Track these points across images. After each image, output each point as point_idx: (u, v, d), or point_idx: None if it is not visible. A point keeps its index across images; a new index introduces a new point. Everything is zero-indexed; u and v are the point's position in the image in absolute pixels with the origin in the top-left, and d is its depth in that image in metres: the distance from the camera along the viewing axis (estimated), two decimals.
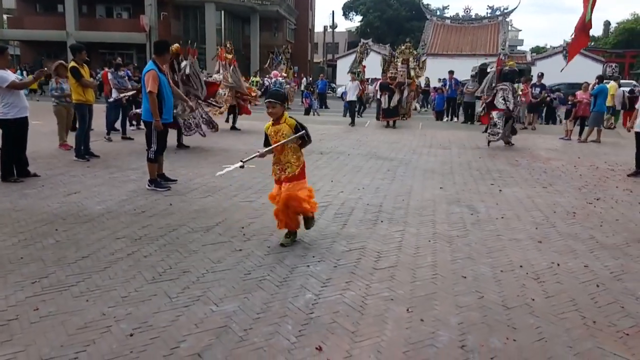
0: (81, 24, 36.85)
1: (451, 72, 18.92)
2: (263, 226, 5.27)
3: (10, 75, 6.82)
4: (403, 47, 17.93)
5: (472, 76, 18.89)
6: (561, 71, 13.29)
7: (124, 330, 3.08)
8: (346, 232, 5.14)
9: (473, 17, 44.65)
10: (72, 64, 8.51)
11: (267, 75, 14.31)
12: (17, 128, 6.86)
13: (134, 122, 12.45)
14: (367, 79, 27.55)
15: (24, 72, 27.98)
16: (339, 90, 27.62)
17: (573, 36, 11.66)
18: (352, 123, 16.45)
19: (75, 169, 7.88)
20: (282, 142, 4.51)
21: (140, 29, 34.97)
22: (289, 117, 4.65)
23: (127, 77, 11.66)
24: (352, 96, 16.93)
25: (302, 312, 3.38)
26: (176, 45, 9.98)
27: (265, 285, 3.81)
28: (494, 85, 12.75)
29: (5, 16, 23.76)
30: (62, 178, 7.20)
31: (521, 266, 4.36)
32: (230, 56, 13.95)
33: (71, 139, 9.13)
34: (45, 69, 7.93)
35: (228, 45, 14.60)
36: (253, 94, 14.65)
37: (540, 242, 5.03)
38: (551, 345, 3.11)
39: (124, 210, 5.68)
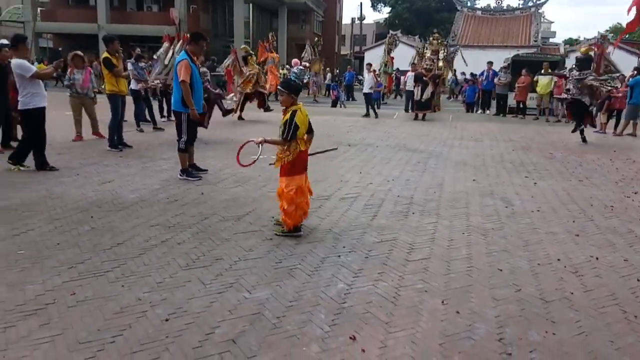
0: (112, 17, 37.44)
1: (490, 63, 18.56)
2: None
3: (32, 66, 6.95)
4: (431, 39, 17.68)
5: (504, 68, 18.51)
6: (611, 54, 12.55)
7: (159, 316, 3.11)
8: (377, 224, 5.10)
9: (505, 8, 43.69)
10: (105, 54, 8.66)
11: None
12: (39, 117, 6.97)
13: (165, 114, 12.69)
14: (396, 70, 27.33)
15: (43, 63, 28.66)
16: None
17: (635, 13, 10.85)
18: (367, 114, 16.47)
19: (109, 158, 8.02)
20: (267, 139, 4.54)
21: (170, 21, 35.30)
22: (293, 111, 4.49)
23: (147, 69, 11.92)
24: (366, 88, 16.84)
25: (335, 302, 3.37)
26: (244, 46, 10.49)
27: (297, 274, 3.80)
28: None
29: (38, 9, 24.30)
30: (96, 167, 7.33)
31: (559, 259, 4.26)
32: (273, 54, 14.41)
33: (104, 128, 9.30)
34: (63, 59, 8.03)
35: (270, 37, 14.92)
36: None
37: (577, 236, 4.90)
38: (592, 339, 3.02)
39: (157, 199, 5.75)
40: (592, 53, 11.54)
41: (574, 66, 11.82)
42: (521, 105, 17.44)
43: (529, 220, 5.38)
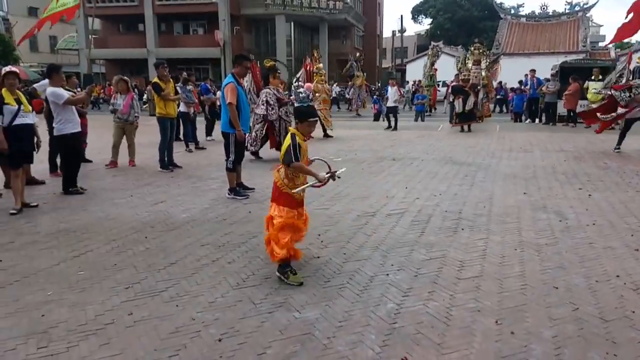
0: (160, 41, 38.98)
1: (533, 71, 18.14)
2: (339, 233, 5.28)
3: (65, 93, 7.24)
4: (472, 48, 17.43)
5: (552, 75, 18.01)
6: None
7: (212, 335, 3.18)
8: (425, 240, 5.04)
9: (550, 14, 42.63)
10: (155, 79, 9.01)
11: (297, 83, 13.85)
12: (74, 142, 7.27)
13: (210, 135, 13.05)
14: (439, 83, 27.06)
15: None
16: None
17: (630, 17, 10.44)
18: (389, 127, 16.48)
19: (160, 179, 8.30)
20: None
21: (215, 43, 36.40)
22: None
23: (197, 90, 12.26)
24: (391, 102, 16.82)
25: (385, 322, 3.34)
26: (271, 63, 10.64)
27: (346, 293, 3.80)
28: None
29: (91, 37, 25.60)
30: (149, 188, 7.60)
31: (618, 276, 4.08)
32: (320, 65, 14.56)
33: (151, 151, 9.60)
34: (95, 84, 8.30)
35: (315, 53, 15.10)
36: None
37: (637, 251, 4.68)
38: None
39: (207, 218, 5.90)
40: None
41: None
42: (571, 114, 16.89)
43: (585, 234, 5.18)
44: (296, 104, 10.98)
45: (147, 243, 5.02)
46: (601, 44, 55.02)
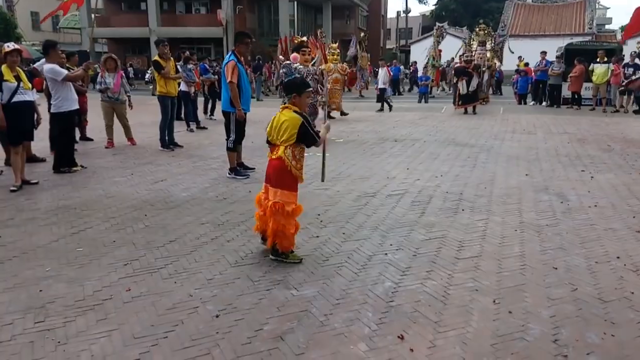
0: (163, 21, 38.52)
1: (544, 53, 17.90)
2: (338, 213, 5.26)
3: (63, 70, 7.15)
4: (478, 29, 17.20)
5: (557, 57, 17.80)
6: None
7: (210, 312, 3.18)
8: (425, 221, 5.01)
9: None
10: (155, 57, 8.93)
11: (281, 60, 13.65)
12: (69, 120, 7.22)
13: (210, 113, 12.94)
14: (446, 63, 26.74)
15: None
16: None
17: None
18: (382, 109, 16.30)
19: (161, 158, 8.27)
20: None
21: (217, 23, 36.00)
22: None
23: (198, 70, 12.12)
24: (381, 83, 16.62)
25: (382, 300, 3.33)
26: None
27: (344, 272, 3.79)
28: None
29: (93, 15, 25.32)
30: (149, 167, 7.58)
31: (618, 257, 4.06)
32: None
33: (153, 130, 9.55)
34: (91, 61, 8.21)
35: (319, 33, 14.93)
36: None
37: (638, 232, 4.65)
38: None
39: (207, 197, 5.88)
40: None
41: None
42: (576, 96, 16.73)
43: (586, 216, 5.15)
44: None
45: (147, 221, 5.01)
46: (608, 26, 54.30)
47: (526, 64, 20.84)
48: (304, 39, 11.44)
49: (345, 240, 4.46)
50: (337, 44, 15.07)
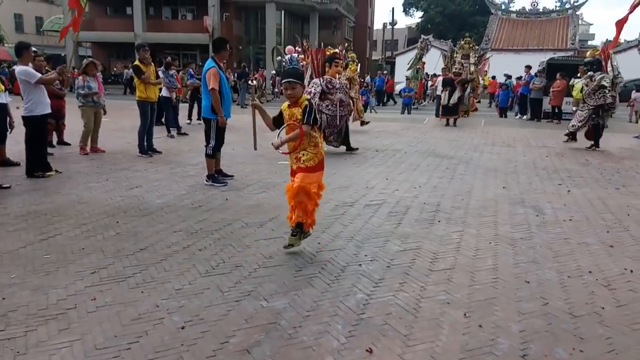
0: (148, 26, 38.31)
1: (529, 67, 18.15)
2: (315, 223, 5.20)
3: (36, 72, 7.02)
4: (462, 42, 17.37)
5: (539, 71, 18.07)
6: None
7: (176, 323, 3.10)
8: (401, 232, 4.99)
9: (541, 10, 42.75)
10: (136, 62, 8.84)
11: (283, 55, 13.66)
12: (41, 125, 7.09)
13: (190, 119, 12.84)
14: (427, 75, 27.00)
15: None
16: (397, 87, 27.21)
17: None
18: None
19: (138, 164, 8.16)
20: (289, 137, 4.06)
21: (203, 29, 35.94)
22: (306, 99, 4.14)
23: (183, 76, 12.03)
24: None
25: (353, 312, 3.29)
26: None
27: (316, 282, 3.74)
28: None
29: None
30: (125, 173, 7.46)
31: (590, 272, 4.07)
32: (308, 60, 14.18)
33: (131, 136, 9.42)
34: (65, 65, 8.07)
35: (304, 43, 14.76)
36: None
37: (611, 247, 4.68)
38: (623, 357, 2.86)
39: (182, 205, 5.80)
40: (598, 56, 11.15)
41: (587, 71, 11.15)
42: (556, 110, 16.97)
43: (561, 230, 5.18)
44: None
45: (118, 228, 4.92)
46: (590, 42, 55.39)
47: (507, 75, 21.10)
48: (337, 50, 11.28)
49: (319, 251, 4.41)
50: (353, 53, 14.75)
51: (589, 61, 11.23)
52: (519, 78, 19.30)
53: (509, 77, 21.00)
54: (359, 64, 25.34)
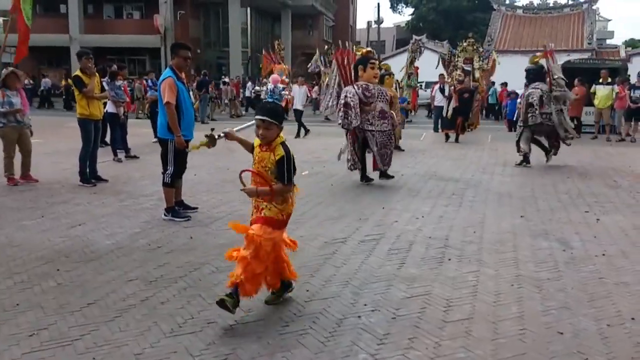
0: (86, 27, 38.31)
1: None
2: (302, 265, 5.16)
3: None
4: (465, 44, 17.72)
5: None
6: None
7: None
8: (405, 274, 4.99)
9: (551, 5, 44.01)
10: (77, 72, 8.79)
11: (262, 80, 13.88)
12: None
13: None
14: (420, 84, 27.42)
15: None
16: None
17: None
18: (298, 134, 16.44)
19: (80, 195, 8.05)
20: (253, 188, 4.00)
21: (154, 30, 36.05)
22: (282, 143, 3.98)
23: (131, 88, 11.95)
24: (298, 104, 16.95)
25: None
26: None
27: (308, 341, 3.70)
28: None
29: (1, 19, 24.61)
30: (65, 207, 7.35)
31: (633, 318, 4.11)
32: (281, 66, 14.19)
33: (70, 159, 9.30)
34: None
35: (276, 45, 14.81)
36: None
37: None
38: None
39: (136, 246, 5.72)
40: (543, 62, 11.51)
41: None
42: (575, 122, 17.35)
43: (593, 267, 5.24)
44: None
45: (60, 277, 4.81)
46: (609, 41, 57.00)
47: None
48: (370, 49, 10.98)
49: (309, 300, 4.38)
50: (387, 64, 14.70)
51: (527, 69, 11.65)
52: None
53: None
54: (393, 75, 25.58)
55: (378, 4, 57.95)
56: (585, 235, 6.27)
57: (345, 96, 8.90)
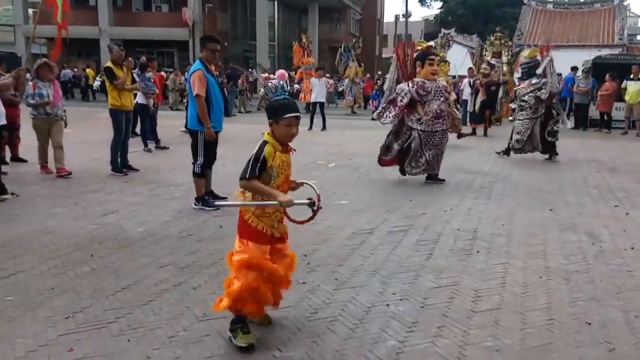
0: (116, 19, 38.68)
1: (575, 69, 18.37)
2: (329, 254, 5.23)
3: None
4: (492, 38, 17.53)
5: (584, 72, 18.26)
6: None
7: None
8: (433, 264, 5.01)
9: (582, 0, 43.30)
10: (108, 63, 8.94)
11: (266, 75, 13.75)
12: None
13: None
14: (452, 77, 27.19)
15: None
16: None
17: None
18: (311, 127, 16.24)
19: (112, 184, 8.20)
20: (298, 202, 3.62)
21: (182, 23, 36.28)
22: (265, 141, 3.63)
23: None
24: (318, 96, 16.67)
25: None
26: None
27: (337, 327, 3.75)
28: None
29: (30, 10, 24.65)
30: (97, 195, 7.50)
31: None
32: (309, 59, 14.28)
33: (101, 150, 9.46)
34: (22, 67, 8.08)
35: (305, 39, 14.86)
36: None
37: None
38: None
39: (167, 234, 5.82)
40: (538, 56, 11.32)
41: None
42: (605, 118, 17.12)
43: (622, 260, 5.21)
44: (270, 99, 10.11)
45: (93, 263, 4.92)
46: None
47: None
48: (431, 43, 10.66)
49: (338, 288, 4.42)
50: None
51: (523, 63, 11.50)
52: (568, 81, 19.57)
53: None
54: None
55: None
56: (614, 229, 6.22)
57: (397, 93, 8.57)
